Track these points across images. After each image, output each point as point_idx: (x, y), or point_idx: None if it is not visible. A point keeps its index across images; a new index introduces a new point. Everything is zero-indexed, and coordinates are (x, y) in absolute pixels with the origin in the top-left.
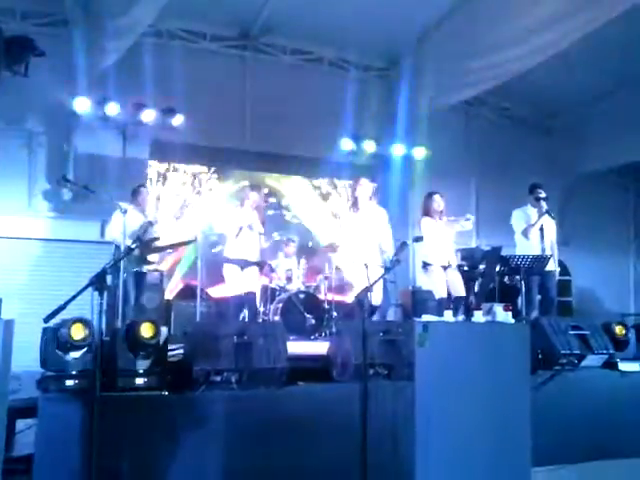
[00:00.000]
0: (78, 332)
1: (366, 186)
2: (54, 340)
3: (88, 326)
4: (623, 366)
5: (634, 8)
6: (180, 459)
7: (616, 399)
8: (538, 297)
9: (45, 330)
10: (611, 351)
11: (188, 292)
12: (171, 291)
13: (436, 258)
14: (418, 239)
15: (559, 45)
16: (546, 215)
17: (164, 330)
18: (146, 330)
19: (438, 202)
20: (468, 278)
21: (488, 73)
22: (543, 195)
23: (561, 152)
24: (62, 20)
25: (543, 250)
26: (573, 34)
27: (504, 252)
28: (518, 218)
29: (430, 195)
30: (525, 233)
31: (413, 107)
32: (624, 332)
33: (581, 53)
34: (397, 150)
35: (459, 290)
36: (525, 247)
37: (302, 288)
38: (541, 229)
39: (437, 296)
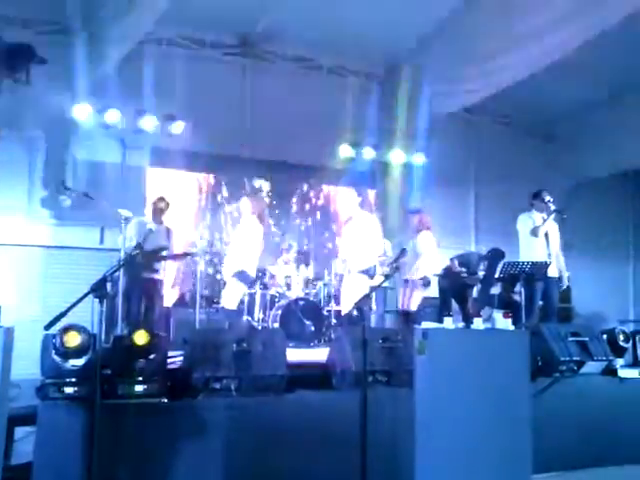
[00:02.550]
0: (72, 339)
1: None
2: (53, 347)
3: (83, 333)
4: (622, 372)
5: (636, 14)
6: (180, 466)
7: (615, 405)
8: (540, 303)
9: (45, 337)
10: (610, 358)
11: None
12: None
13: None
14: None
15: (559, 52)
16: (553, 219)
17: (163, 337)
18: (141, 337)
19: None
20: (466, 285)
21: (488, 80)
22: (549, 198)
23: (561, 158)
24: (63, 28)
25: (549, 256)
26: (573, 40)
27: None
28: (524, 222)
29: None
30: (535, 232)
31: (412, 114)
32: (627, 339)
33: (582, 59)
34: (396, 157)
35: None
36: (530, 252)
37: (301, 295)
38: (546, 235)
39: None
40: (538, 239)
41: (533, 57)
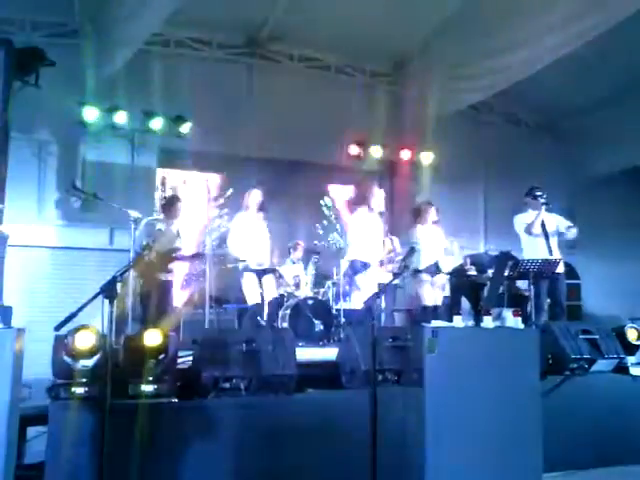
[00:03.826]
0: (83, 340)
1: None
2: (64, 348)
3: (94, 334)
4: (634, 370)
5: None
6: (190, 466)
7: (627, 404)
8: (547, 301)
9: (56, 338)
10: (621, 355)
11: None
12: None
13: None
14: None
15: (566, 48)
16: (545, 211)
17: (173, 337)
18: (151, 338)
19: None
20: (476, 284)
21: (495, 77)
22: (539, 192)
23: (569, 155)
24: (71, 30)
25: (549, 249)
26: (580, 37)
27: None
28: (519, 222)
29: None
30: (529, 230)
31: (420, 112)
32: (637, 336)
33: (589, 56)
34: (404, 155)
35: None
36: (530, 250)
37: (310, 294)
38: (544, 230)
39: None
40: (536, 236)
41: (540, 53)
